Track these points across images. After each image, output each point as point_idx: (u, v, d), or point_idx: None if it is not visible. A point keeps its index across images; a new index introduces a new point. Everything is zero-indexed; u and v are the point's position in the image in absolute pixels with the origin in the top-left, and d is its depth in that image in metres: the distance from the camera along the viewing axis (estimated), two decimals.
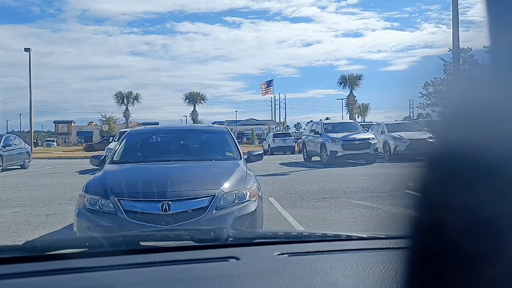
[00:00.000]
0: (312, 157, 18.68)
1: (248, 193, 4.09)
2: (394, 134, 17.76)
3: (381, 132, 18.67)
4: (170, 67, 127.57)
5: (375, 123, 21.63)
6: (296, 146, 30.15)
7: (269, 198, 8.21)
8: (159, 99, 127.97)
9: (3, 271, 1.18)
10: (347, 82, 45.82)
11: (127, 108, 54.84)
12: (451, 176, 0.47)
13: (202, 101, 56.33)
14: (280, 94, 74.44)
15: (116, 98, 54.80)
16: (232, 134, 5.72)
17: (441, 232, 0.46)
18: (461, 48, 25.62)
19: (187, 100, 55.80)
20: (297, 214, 6.77)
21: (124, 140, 5.45)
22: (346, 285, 1.11)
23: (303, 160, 19.31)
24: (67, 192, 10.01)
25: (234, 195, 4.01)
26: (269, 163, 18.56)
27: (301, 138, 31.37)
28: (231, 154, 5.22)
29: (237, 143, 5.49)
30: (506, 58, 0.50)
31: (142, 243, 1.45)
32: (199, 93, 56.31)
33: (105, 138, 43.64)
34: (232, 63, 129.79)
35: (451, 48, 19.98)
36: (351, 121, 21.34)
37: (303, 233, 1.76)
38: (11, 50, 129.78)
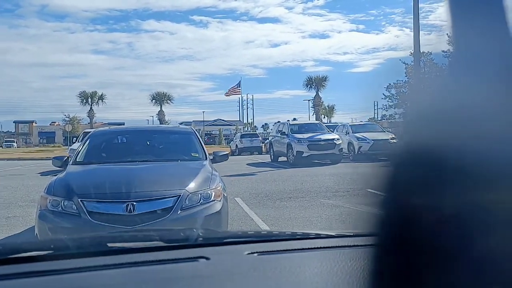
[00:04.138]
0: (279, 158, 18.86)
1: (213, 193, 4.14)
2: (358, 134, 18.23)
3: (346, 133, 19.11)
4: (135, 66, 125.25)
5: (340, 124, 22.11)
6: (263, 146, 30.33)
7: (235, 198, 8.28)
8: (124, 99, 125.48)
9: None
10: (313, 84, 46.48)
11: (91, 108, 53.60)
12: (415, 176, 0.48)
13: (169, 102, 55.75)
14: (248, 95, 74.56)
15: (80, 97, 53.49)
16: (198, 135, 5.75)
17: (407, 230, 0.48)
18: (422, 51, 26.52)
19: (153, 100, 55.09)
20: (263, 214, 6.86)
21: (88, 141, 5.39)
22: (315, 282, 1.13)
23: (270, 161, 19.48)
24: (29, 194, 9.75)
25: (199, 195, 4.06)
26: (237, 163, 18.63)
27: (268, 139, 31.65)
28: (197, 155, 5.26)
29: (203, 143, 5.53)
30: (467, 60, 0.51)
31: (109, 244, 1.43)
32: (165, 93, 55.69)
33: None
34: (199, 63, 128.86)
35: (412, 52, 20.66)
36: (317, 122, 21.67)
37: (273, 232, 1.77)
38: None
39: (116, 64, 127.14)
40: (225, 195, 4.43)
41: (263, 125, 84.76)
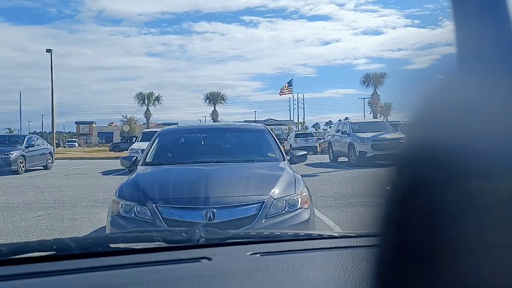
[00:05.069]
0: (339, 158, 18.14)
1: (299, 200, 3.61)
2: None
3: None
4: (186, 67, 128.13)
5: (403, 123, 20.98)
6: (318, 146, 29.55)
7: None
8: (176, 100, 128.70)
9: None
10: (371, 81, 44.92)
11: (147, 108, 55.04)
12: (421, 176, 0.46)
13: (222, 101, 56.23)
14: (298, 94, 73.60)
15: (137, 98, 55.10)
16: (272, 133, 5.24)
17: (411, 229, 0.46)
18: None
19: (207, 100, 55.77)
20: (336, 218, 6.31)
21: (157, 140, 4.99)
22: (318, 283, 1.13)
23: (329, 161, 18.79)
24: (92, 193, 9.72)
25: (284, 201, 3.54)
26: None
27: (323, 138, 30.68)
28: (273, 155, 4.74)
29: (278, 142, 5.02)
30: (472, 59, 0.51)
31: (112, 245, 1.43)
32: (219, 93, 56.28)
33: (128, 138, 43.52)
34: (249, 63, 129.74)
35: None
36: (380, 120, 20.62)
37: (276, 233, 1.77)
38: (27, 51, 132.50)
39: (168, 66, 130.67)
40: (311, 200, 3.90)
41: (313, 125, 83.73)
